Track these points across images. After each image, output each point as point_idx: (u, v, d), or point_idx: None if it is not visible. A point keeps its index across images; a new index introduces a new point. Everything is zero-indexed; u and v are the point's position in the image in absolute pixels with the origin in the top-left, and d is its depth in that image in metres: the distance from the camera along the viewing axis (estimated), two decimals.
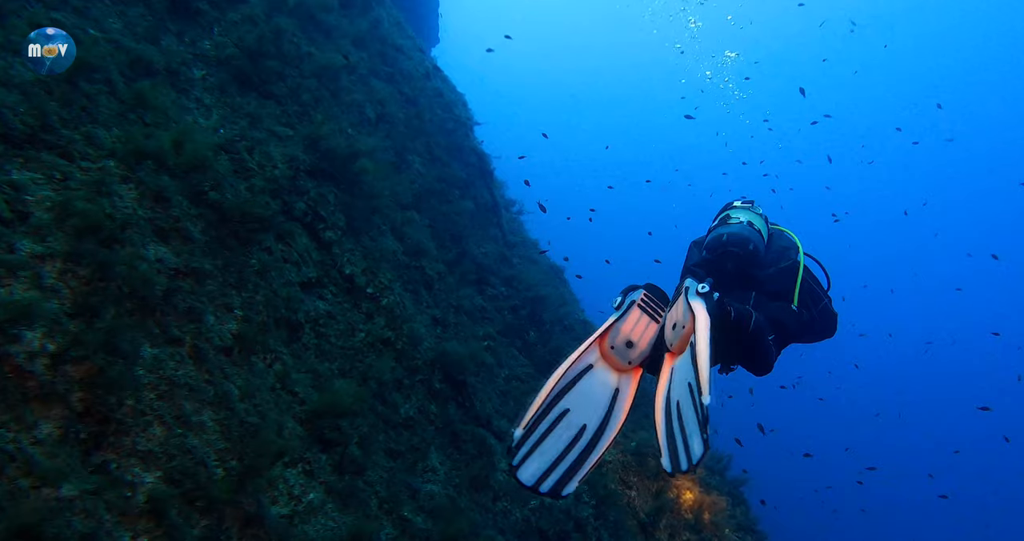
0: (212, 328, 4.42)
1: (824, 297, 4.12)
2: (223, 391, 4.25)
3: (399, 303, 6.43)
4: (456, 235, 8.97)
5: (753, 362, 3.61)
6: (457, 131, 10.50)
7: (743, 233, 3.87)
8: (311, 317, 5.52)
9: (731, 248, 3.85)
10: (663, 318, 3.34)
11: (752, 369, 3.69)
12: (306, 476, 4.65)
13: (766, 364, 3.58)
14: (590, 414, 3.18)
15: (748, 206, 4.23)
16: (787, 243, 4.12)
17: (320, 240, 5.99)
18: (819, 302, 4.05)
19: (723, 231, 3.93)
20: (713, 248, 3.93)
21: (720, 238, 3.90)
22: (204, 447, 3.96)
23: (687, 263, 4.32)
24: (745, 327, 3.31)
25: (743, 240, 3.84)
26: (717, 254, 3.91)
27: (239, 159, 5.52)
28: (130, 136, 4.58)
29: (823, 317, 4.09)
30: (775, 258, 3.99)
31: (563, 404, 3.17)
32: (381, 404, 5.76)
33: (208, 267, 4.57)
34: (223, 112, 5.89)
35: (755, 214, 4.13)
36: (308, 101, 6.78)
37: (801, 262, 3.97)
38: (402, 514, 5.31)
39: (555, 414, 3.15)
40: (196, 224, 4.66)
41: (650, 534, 8.21)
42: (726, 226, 3.99)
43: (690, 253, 4.38)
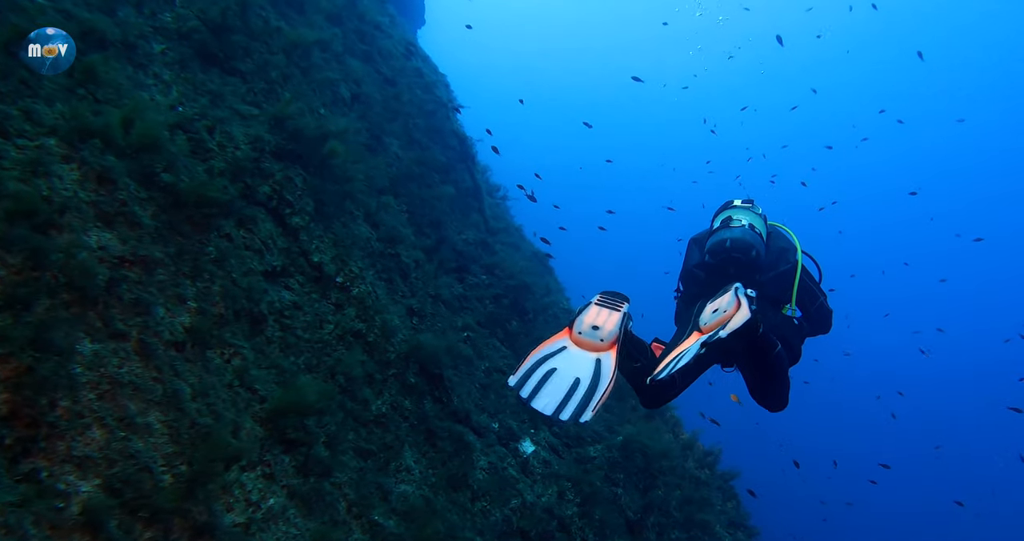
0: (162, 321, 4.08)
1: (820, 295, 4.17)
2: (173, 390, 3.92)
3: (371, 293, 6.09)
4: (435, 221, 8.63)
5: (766, 393, 3.68)
6: (438, 113, 10.11)
7: (746, 239, 3.92)
8: (275, 308, 5.18)
9: (734, 254, 3.90)
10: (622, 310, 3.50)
11: (767, 401, 3.72)
12: (266, 480, 4.34)
13: (781, 397, 3.68)
14: (579, 371, 3.26)
15: (748, 206, 4.28)
16: (785, 244, 4.19)
17: (286, 226, 5.64)
18: (815, 300, 4.10)
19: (726, 236, 3.97)
20: (716, 252, 3.97)
21: (723, 243, 3.94)
22: (150, 451, 3.63)
23: (686, 263, 4.38)
24: (768, 351, 3.41)
25: (747, 246, 3.89)
26: (719, 259, 3.96)
27: (198, 139, 5.15)
28: (76, 112, 4.21)
29: (819, 314, 4.14)
30: (774, 260, 4.05)
31: (549, 364, 3.28)
32: (351, 400, 5.44)
33: (158, 255, 4.22)
34: (183, 89, 5.51)
35: (755, 215, 4.19)
36: (276, 79, 6.40)
37: (799, 263, 4.03)
38: (372, 518, 5.01)
39: (544, 370, 3.26)
40: (146, 208, 4.30)
41: (638, 533, 7.95)
42: (728, 230, 4.02)
43: (689, 251, 4.42)
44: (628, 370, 3.65)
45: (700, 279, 4.17)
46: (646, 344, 3.78)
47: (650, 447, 8.57)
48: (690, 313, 4.01)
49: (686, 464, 9.71)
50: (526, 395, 3.19)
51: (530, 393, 3.19)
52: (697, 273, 4.19)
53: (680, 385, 3.91)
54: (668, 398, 3.88)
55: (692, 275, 4.26)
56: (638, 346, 3.66)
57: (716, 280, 3.93)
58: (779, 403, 3.71)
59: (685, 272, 4.37)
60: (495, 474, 6.59)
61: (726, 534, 9.11)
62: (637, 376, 3.66)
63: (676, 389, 3.89)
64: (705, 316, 3.28)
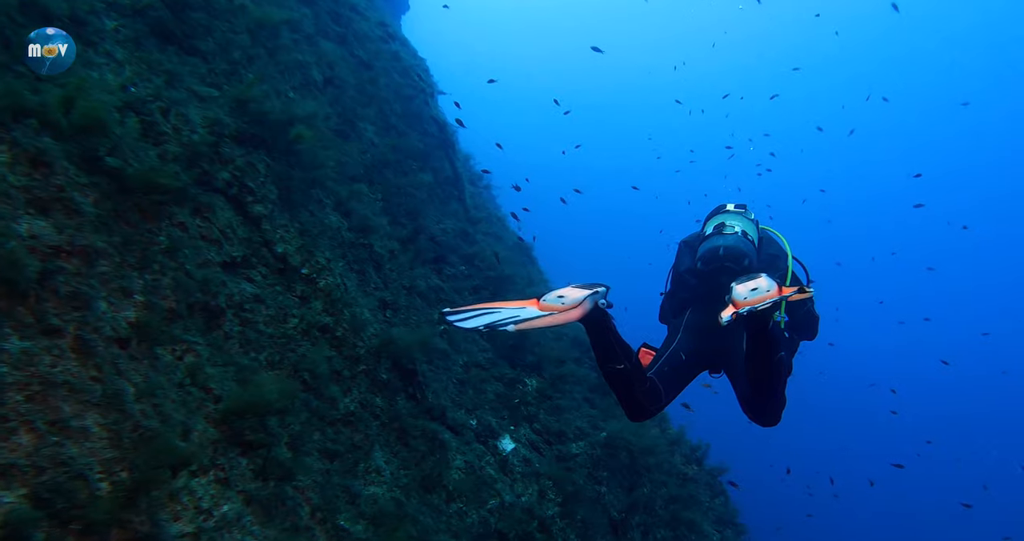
0: (103, 316, 3.77)
1: (807, 301, 4.12)
2: (115, 390, 3.62)
3: (339, 285, 5.79)
4: (412, 210, 8.32)
5: (762, 401, 3.56)
6: (416, 98, 9.78)
7: (740, 247, 3.88)
8: (235, 302, 4.88)
9: (727, 262, 3.85)
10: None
11: (761, 411, 3.63)
12: (219, 485, 4.05)
13: (775, 409, 3.57)
14: (519, 314, 3.31)
15: (741, 211, 4.27)
16: (776, 250, 4.16)
17: (248, 215, 5.32)
18: (803, 306, 4.08)
19: (719, 243, 3.92)
20: (708, 260, 3.93)
21: (716, 251, 3.90)
22: (85, 457, 3.33)
23: (676, 266, 4.37)
24: (772, 352, 3.31)
25: (740, 255, 3.85)
26: (712, 266, 3.91)
27: (151, 122, 4.83)
28: (10, 89, 3.88)
29: (806, 320, 4.13)
30: (765, 267, 3.99)
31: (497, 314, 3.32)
32: (316, 398, 5.15)
33: (101, 245, 3.91)
34: (137, 68, 5.17)
35: (748, 220, 4.16)
36: (240, 59, 6.07)
37: (790, 269, 4.01)
38: (338, 523, 4.74)
39: (486, 313, 3.33)
40: (87, 194, 3.98)
41: (622, 533, 7.70)
42: (722, 237, 3.97)
43: (680, 254, 4.40)
44: (612, 374, 3.56)
45: (690, 284, 4.14)
46: (631, 348, 3.67)
47: (635, 444, 8.33)
48: (680, 321, 4.12)
49: (673, 460, 9.49)
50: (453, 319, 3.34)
51: (457, 319, 3.33)
52: (688, 279, 4.15)
53: (666, 398, 3.81)
54: (653, 412, 3.77)
55: (682, 280, 4.24)
56: (623, 348, 3.55)
57: (707, 286, 3.94)
58: (773, 416, 3.59)
59: (676, 275, 4.34)
60: (472, 474, 6.33)
61: (714, 532, 8.90)
62: (621, 382, 3.58)
63: (662, 402, 3.77)
64: (741, 290, 3.07)
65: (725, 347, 3.94)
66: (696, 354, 3.99)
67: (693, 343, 4.01)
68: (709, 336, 3.96)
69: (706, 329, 3.99)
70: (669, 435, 9.99)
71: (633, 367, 3.54)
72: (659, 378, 3.80)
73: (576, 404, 8.79)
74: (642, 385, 3.63)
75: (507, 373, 8.33)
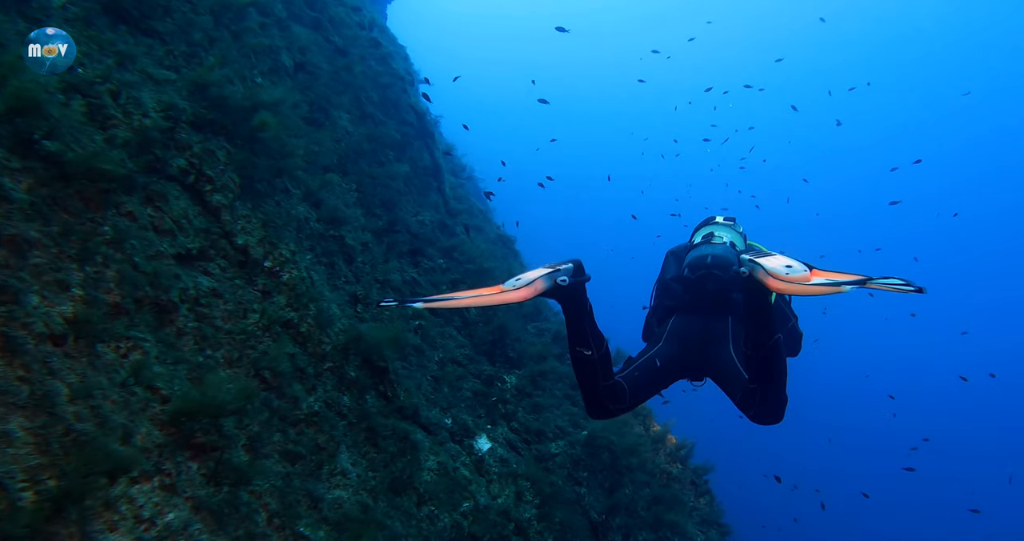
0: (34, 311, 3.49)
1: (792, 316, 4.17)
2: (45, 390, 3.35)
3: (305, 278, 5.52)
4: (388, 201, 8.04)
5: (764, 390, 3.36)
6: (394, 86, 9.48)
7: (728, 256, 3.88)
8: (189, 296, 4.60)
9: (715, 271, 3.85)
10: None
11: (762, 405, 3.44)
12: (164, 492, 3.78)
13: (776, 396, 3.37)
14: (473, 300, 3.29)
15: (730, 224, 4.35)
16: None
17: (206, 204, 5.04)
18: (787, 322, 4.10)
19: (707, 252, 3.94)
20: (696, 268, 3.93)
21: (704, 259, 3.91)
22: (6, 464, 3.06)
23: (663, 275, 4.38)
24: (772, 330, 3.19)
25: (727, 264, 3.84)
26: (699, 274, 3.91)
27: (99, 104, 4.53)
28: None
29: (790, 337, 4.13)
30: None
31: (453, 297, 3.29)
32: (277, 397, 4.89)
33: (33, 235, 3.63)
34: (87, 48, 4.87)
35: (736, 233, 4.23)
36: (200, 41, 5.77)
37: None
38: (297, 529, 4.48)
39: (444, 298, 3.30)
40: (19, 180, 3.70)
41: (602, 535, 7.47)
42: (710, 246, 4.01)
43: (666, 263, 4.45)
44: (579, 360, 3.48)
45: (676, 293, 4.12)
46: (605, 340, 3.60)
47: (617, 443, 8.10)
48: (663, 329, 4.07)
49: (656, 458, 9.25)
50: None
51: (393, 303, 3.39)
52: (674, 287, 4.14)
53: (630, 402, 3.71)
54: (614, 411, 3.66)
55: (668, 288, 4.23)
56: (596, 336, 3.48)
57: (693, 294, 3.96)
58: (774, 406, 3.40)
59: (661, 284, 4.34)
60: (445, 475, 6.07)
61: (698, 533, 8.67)
62: (586, 371, 3.49)
63: (625, 405, 3.67)
64: (776, 264, 2.93)
65: (709, 353, 3.87)
66: (676, 361, 3.92)
67: (675, 350, 3.94)
68: (693, 342, 3.92)
69: (690, 336, 3.95)
70: (653, 433, 9.75)
71: (600, 358, 3.47)
72: (627, 381, 3.70)
73: (557, 402, 8.55)
74: (606, 380, 3.52)
75: (485, 370, 8.09)
